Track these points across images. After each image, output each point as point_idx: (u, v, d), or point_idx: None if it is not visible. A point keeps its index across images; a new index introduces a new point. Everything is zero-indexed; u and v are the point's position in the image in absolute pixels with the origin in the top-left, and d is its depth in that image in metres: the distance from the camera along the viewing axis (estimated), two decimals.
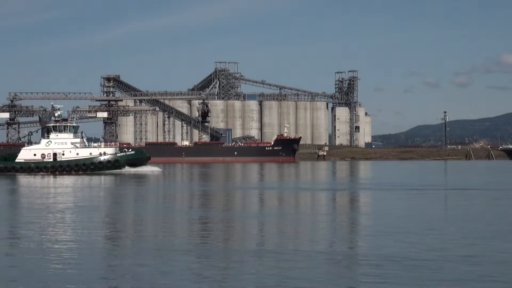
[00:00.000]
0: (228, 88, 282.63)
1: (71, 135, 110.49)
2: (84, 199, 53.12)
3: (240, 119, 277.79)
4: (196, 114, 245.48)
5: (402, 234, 29.32)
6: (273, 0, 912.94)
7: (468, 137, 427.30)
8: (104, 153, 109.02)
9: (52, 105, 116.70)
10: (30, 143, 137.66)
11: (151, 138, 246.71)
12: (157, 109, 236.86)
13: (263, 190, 63.20)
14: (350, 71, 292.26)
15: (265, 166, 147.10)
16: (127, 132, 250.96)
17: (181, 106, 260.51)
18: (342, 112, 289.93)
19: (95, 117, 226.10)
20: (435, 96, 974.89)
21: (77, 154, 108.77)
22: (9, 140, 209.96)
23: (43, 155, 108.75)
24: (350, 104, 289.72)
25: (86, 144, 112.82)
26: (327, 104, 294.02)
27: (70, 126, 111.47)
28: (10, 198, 56.63)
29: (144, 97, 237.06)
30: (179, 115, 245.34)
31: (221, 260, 23.30)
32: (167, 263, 22.57)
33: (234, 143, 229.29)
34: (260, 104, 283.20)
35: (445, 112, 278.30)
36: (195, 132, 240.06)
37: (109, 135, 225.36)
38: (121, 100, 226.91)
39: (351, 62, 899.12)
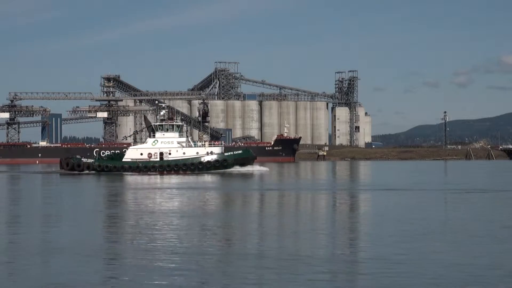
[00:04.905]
0: (228, 88, 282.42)
1: (177, 134, 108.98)
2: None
3: (240, 119, 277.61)
4: (196, 114, 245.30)
5: (401, 237, 29.32)
6: (273, 0, 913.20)
7: (468, 137, 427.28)
8: (211, 153, 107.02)
9: (157, 103, 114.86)
10: (135, 142, 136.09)
11: None
12: None
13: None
14: (350, 71, 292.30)
15: (265, 166, 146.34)
16: (127, 132, 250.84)
17: (181, 106, 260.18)
18: (342, 112, 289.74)
19: (95, 117, 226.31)
20: (435, 96, 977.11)
21: (184, 153, 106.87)
22: (9, 140, 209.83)
23: (149, 155, 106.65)
24: (350, 104, 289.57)
25: (192, 143, 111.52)
26: (327, 104, 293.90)
27: (175, 125, 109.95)
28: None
29: (144, 97, 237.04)
30: (179, 115, 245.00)
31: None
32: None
33: (234, 143, 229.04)
34: (260, 104, 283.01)
35: (445, 112, 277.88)
36: (195, 132, 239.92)
37: (109, 135, 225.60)
38: (121, 100, 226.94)
39: (351, 62, 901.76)
